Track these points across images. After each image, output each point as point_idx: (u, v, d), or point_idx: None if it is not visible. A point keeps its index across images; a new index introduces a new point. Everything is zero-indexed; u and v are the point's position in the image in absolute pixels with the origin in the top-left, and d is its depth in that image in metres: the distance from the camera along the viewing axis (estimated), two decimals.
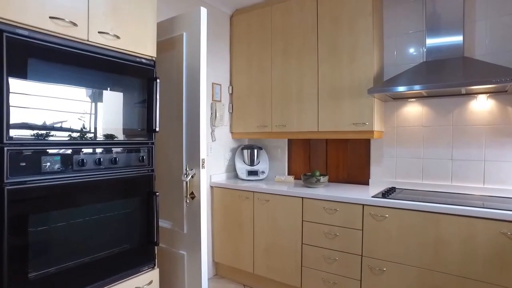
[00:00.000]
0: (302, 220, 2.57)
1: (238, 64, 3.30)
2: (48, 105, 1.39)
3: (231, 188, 3.00)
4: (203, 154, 1.85)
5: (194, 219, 1.93)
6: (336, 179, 3.07)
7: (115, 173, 1.66)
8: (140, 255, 1.81)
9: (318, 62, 2.77)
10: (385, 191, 2.42)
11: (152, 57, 1.87)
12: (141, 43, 1.80)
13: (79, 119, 1.50)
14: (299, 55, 2.88)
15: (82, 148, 1.52)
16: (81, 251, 1.54)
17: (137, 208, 1.80)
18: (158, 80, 1.82)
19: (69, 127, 1.47)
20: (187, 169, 1.82)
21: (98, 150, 1.58)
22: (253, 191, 2.85)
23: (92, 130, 1.56)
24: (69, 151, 1.47)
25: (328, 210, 2.44)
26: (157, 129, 1.82)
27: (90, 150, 1.56)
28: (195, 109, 1.94)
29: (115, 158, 1.63)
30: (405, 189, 2.65)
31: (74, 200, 1.50)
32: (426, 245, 2.06)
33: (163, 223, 2.15)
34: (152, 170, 1.86)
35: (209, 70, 3.10)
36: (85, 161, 1.52)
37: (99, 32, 1.59)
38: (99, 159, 1.56)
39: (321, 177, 2.71)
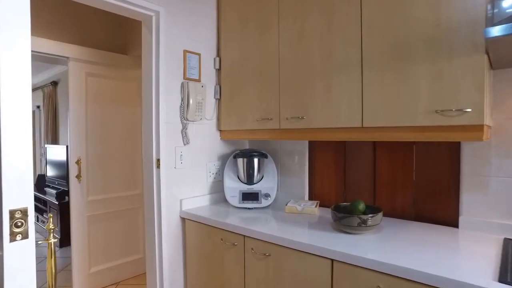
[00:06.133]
0: None
1: (229, 22, 2.07)
2: None
3: (208, 225, 1.78)
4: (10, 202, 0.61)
5: None
6: (392, 213, 1.76)
7: None
8: None
9: None
10: None
11: None
12: None
13: None
14: None
15: None
16: None
17: None
18: None
19: None
20: None
21: None
22: (244, 235, 1.61)
23: None
24: None
25: None
26: None
27: None
28: None
29: None
30: None
31: None
32: None
33: None
34: None
35: (178, 30, 1.90)
36: None
37: None
38: None
39: (370, 217, 1.41)
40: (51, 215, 0.81)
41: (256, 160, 2.01)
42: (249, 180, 2.01)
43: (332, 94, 1.59)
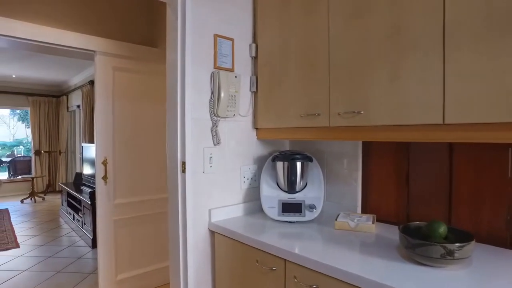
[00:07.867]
0: None
1: (267, 2, 1.76)
2: None
3: (241, 242, 1.48)
4: None
5: None
6: (476, 237, 1.36)
7: None
8: None
9: None
10: None
11: None
12: None
13: None
14: None
15: None
16: None
17: None
18: None
19: None
20: None
21: None
22: (284, 259, 1.30)
23: None
24: None
25: None
26: None
27: None
28: None
29: None
30: None
31: None
32: None
33: None
34: None
35: (208, 11, 1.63)
36: None
37: None
38: None
39: (459, 247, 1.03)
40: None
41: (299, 164, 1.69)
42: (291, 187, 1.69)
43: (400, 81, 1.23)
